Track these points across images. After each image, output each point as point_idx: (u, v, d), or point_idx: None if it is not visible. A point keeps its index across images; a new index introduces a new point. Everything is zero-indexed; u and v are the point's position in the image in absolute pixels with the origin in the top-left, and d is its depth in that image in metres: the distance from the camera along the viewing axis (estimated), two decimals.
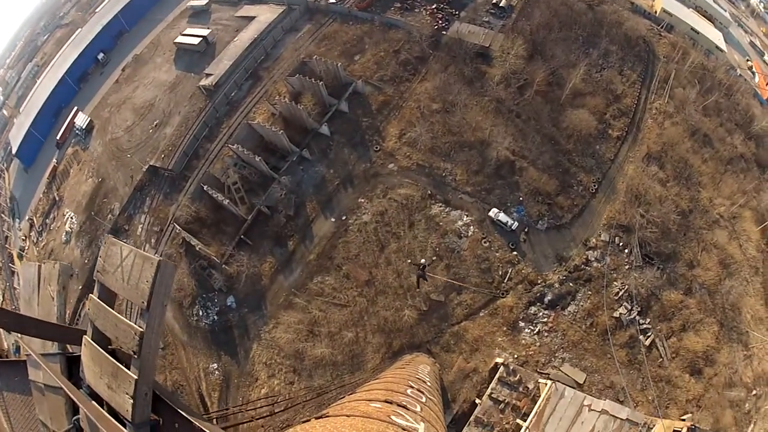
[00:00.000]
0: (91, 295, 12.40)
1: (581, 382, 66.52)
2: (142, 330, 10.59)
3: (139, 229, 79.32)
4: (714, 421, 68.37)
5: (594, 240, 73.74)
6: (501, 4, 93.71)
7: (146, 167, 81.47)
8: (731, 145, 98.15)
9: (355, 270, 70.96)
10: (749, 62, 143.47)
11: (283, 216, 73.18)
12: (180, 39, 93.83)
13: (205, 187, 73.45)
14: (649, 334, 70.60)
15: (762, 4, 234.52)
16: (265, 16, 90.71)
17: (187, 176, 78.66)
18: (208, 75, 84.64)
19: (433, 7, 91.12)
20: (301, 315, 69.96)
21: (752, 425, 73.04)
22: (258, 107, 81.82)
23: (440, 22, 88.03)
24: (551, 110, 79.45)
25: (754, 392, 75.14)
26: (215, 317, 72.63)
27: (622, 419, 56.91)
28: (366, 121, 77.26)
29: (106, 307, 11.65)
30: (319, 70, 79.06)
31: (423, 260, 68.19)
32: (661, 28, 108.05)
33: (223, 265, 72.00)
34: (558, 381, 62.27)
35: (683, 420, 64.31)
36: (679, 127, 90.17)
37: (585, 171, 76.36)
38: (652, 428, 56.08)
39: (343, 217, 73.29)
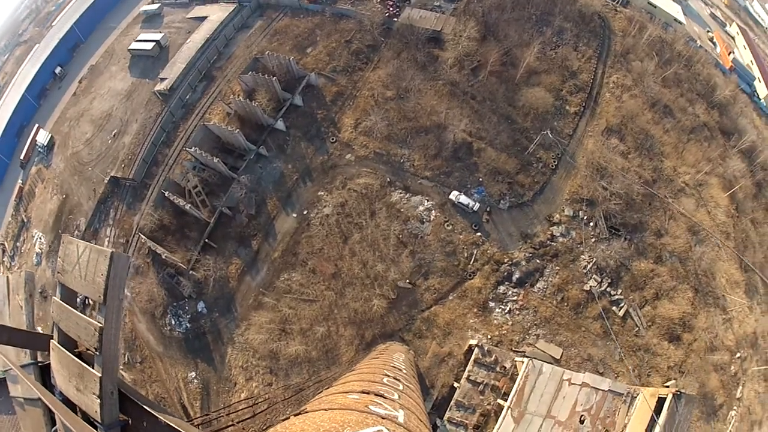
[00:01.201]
0: (53, 297, 12.17)
1: (558, 357, 66.26)
2: (101, 325, 10.83)
3: (106, 243, 78.07)
4: (700, 386, 68.90)
5: (558, 215, 73.43)
6: None
7: (107, 179, 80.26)
8: (693, 114, 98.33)
9: (320, 264, 70.16)
10: (710, 33, 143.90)
11: (245, 216, 72.32)
12: (134, 45, 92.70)
13: (166, 194, 72.37)
14: (622, 304, 70.61)
15: None
16: (216, 15, 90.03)
17: (148, 184, 77.58)
18: (162, 79, 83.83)
19: None
20: (272, 314, 69.06)
21: (741, 387, 73.93)
22: (213, 108, 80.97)
23: (391, 9, 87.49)
24: (506, 90, 78.95)
25: (738, 355, 75.92)
26: (188, 325, 71.54)
27: (604, 390, 57.16)
28: (321, 114, 76.57)
29: (68, 306, 11.81)
30: (272, 66, 78.35)
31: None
32: (617, 3, 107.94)
33: (191, 271, 70.93)
34: (535, 358, 62.10)
35: (667, 387, 64.76)
36: (638, 100, 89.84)
37: (544, 148, 75.68)
38: (636, 397, 56.24)
39: (305, 212, 72.49)
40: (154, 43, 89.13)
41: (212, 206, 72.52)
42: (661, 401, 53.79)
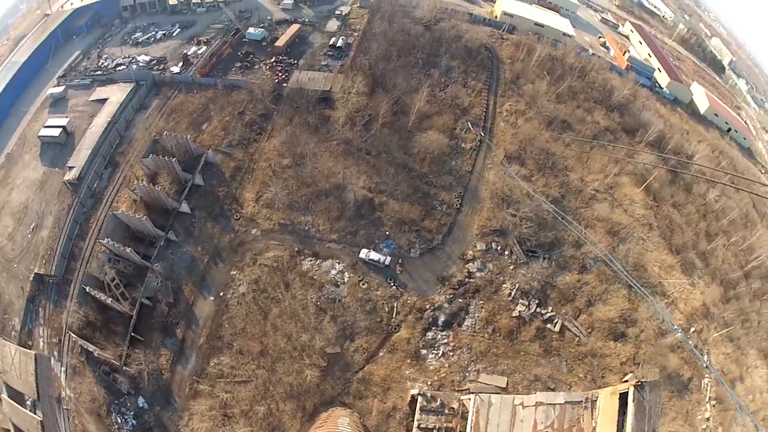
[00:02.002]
0: (2, 395, 10.37)
1: (504, 386, 66.01)
2: (40, 419, 9.43)
3: (41, 343, 75.13)
4: (661, 370, 70.51)
5: (471, 252, 73.92)
6: (338, 45, 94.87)
7: (32, 276, 77.28)
8: (593, 122, 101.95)
9: (246, 344, 68.37)
10: (602, 39, 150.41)
11: (164, 305, 70.35)
12: (42, 132, 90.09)
13: (87, 289, 70.04)
14: (555, 320, 71.43)
15: None
16: (116, 96, 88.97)
17: (69, 280, 75.02)
18: (70, 168, 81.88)
19: (272, 60, 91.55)
20: (210, 401, 66.26)
21: (706, 356, 76.72)
22: (120, 195, 79.10)
23: (280, 74, 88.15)
24: (400, 139, 80.00)
25: (693, 329, 78.51)
26: (133, 422, 67.68)
27: (561, 404, 56.43)
28: (222, 191, 75.38)
29: (14, 403, 10.47)
30: (170, 146, 77.33)
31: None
32: (503, 31, 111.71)
33: (124, 367, 68.09)
34: (481, 392, 61.48)
35: (625, 381, 64.78)
36: (533, 122, 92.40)
37: (445, 189, 76.52)
38: (595, 400, 55.93)
39: (221, 293, 70.82)
40: (60, 129, 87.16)
41: (132, 298, 70.41)
42: (624, 397, 53.43)
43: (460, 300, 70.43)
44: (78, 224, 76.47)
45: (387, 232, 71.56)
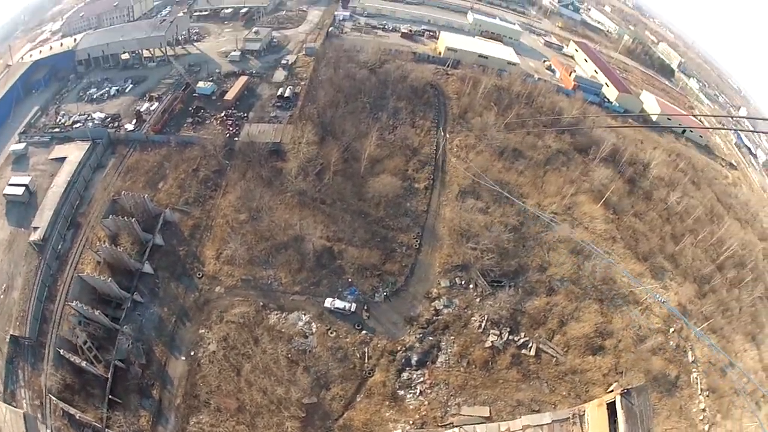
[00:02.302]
0: None
1: (488, 415, 67.45)
2: None
3: (24, 405, 74.46)
4: (646, 374, 73.47)
5: (435, 290, 76.47)
6: (286, 95, 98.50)
7: (8, 337, 76.92)
8: (544, 147, 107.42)
9: (223, 401, 68.63)
10: (547, 62, 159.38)
11: (138, 366, 70.59)
12: (6, 190, 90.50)
13: (61, 352, 70.06)
14: (530, 345, 73.97)
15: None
16: (74, 155, 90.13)
17: (43, 342, 75.27)
18: (35, 228, 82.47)
19: (222, 114, 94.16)
20: None
21: (690, 352, 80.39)
22: (84, 257, 79.61)
23: (231, 128, 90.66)
24: (353, 186, 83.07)
25: (672, 329, 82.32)
26: None
27: (548, 423, 58.77)
28: (183, 250, 76.75)
29: None
30: (129, 206, 78.76)
31: None
32: (447, 67, 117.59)
33: (107, 430, 67.90)
34: (465, 424, 63.25)
35: (611, 392, 67.21)
36: (484, 154, 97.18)
37: (403, 231, 79.62)
38: (583, 414, 58.22)
39: (192, 353, 71.28)
40: (23, 188, 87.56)
41: (106, 361, 70.60)
42: (612, 406, 55.85)
43: (430, 338, 72.42)
44: (46, 286, 76.93)
45: (349, 279, 73.74)
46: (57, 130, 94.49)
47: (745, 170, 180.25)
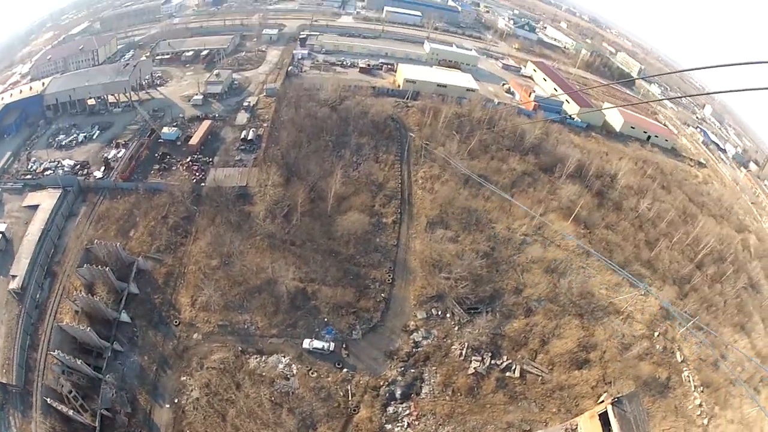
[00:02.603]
0: None
1: None
2: None
3: None
4: (635, 380, 76.75)
5: (412, 322, 79.01)
6: (249, 138, 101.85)
7: None
8: (510, 170, 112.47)
9: None
10: (506, 85, 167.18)
11: (124, 415, 71.02)
12: None
13: (48, 401, 70.06)
14: (513, 367, 76.52)
15: (511, 21, 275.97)
16: (46, 202, 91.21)
17: (30, 390, 75.04)
18: (13, 277, 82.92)
19: (188, 160, 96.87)
20: None
21: (678, 352, 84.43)
22: (62, 306, 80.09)
23: (197, 174, 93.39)
24: (322, 225, 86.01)
25: (657, 333, 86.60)
26: None
27: None
28: (158, 298, 77.91)
29: None
30: (102, 255, 79.92)
31: None
32: (407, 99, 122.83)
33: None
34: None
35: (601, 402, 70.15)
36: (450, 183, 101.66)
37: (374, 267, 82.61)
38: (576, 428, 60.74)
39: (176, 400, 71.64)
40: (0, 236, 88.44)
41: (92, 410, 70.85)
42: (605, 416, 58.09)
43: (412, 370, 74.44)
44: (28, 335, 77.64)
45: (325, 319, 75.93)
46: (29, 176, 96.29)
47: (715, 166, 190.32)
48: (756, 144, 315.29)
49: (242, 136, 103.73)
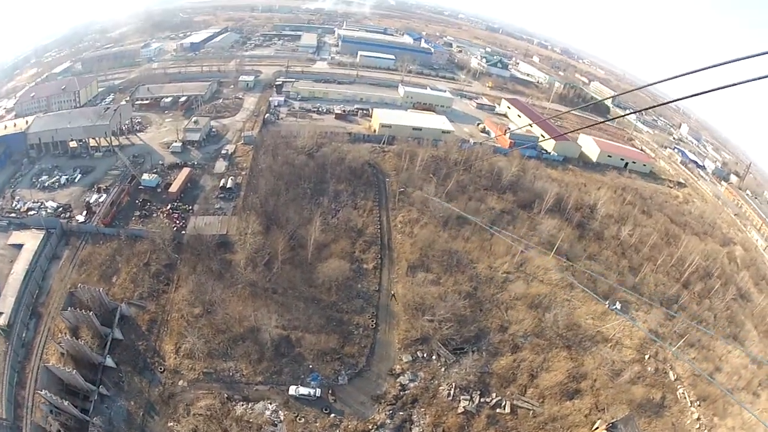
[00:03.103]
0: None
1: None
2: None
3: None
4: (629, 404, 79.67)
5: (398, 366, 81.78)
6: (228, 186, 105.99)
7: None
8: (488, 208, 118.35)
9: None
10: (480, 125, 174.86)
11: None
12: None
13: None
14: (503, 403, 78.90)
15: (483, 59, 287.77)
16: (30, 243, 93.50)
17: (20, 426, 74.47)
18: (0, 313, 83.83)
19: (168, 207, 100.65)
20: None
21: (671, 372, 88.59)
22: (48, 347, 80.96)
23: (178, 221, 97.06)
24: (303, 273, 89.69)
25: (647, 356, 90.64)
26: None
27: None
28: (142, 344, 79.42)
29: None
30: (86, 299, 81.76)
31: None
32: (383, 144, 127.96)
33: None
34: None
35: (596, 429, 74.03)
36: (429, 227, 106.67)
37: (357, 313, 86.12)
38: None
39: None
40: None
41: None
42: None
43: (401, 413, 76.41)
44: (15, 371, 78.38)
45: (310, 366, 78.31)
46: (13, 215, 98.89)
47: (695, 184, 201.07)
48: (735, 155, 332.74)
49: (221, 184, 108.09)
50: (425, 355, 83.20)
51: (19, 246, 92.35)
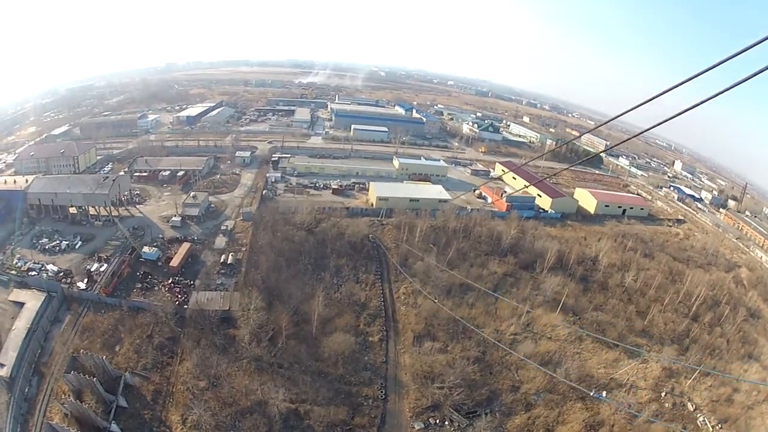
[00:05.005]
0: None
1: None
2: None
3: None
4: None
5: None
6: (229, 262, 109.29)
7: None
8: (490, 273, 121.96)
9: None
10: (476, 191, 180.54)
11: None
12: None
13: None
14: None
15: (475, 125, 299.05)
16: (31, 303, 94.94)
17: None
18: (2, 365, 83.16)
19: (170, 282, 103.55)
20: None
21: (689, 403, 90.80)
22: (52, 406, 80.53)
23: (179, 296, 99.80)
24: (308, 347, 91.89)
25: (664, 393, 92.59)
26: None
27: None
28: (147, 414, 79.49)
29: None
30: (89, 365, 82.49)
31: None
32: (381, 217, 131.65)
33: None
34: None
35: None
36: (432, 296, 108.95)
37: (365, 385, 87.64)
38: None
39: None
40: None
41: None
42: None
43: None
44: (19, 424, 77.78)
45: None
46: (14, 272, 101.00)
47: (694, 218, 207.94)
48: (730, 180, 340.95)
49: (222, 260, 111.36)
50: (438, 421, 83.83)
51: (20, 304, 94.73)
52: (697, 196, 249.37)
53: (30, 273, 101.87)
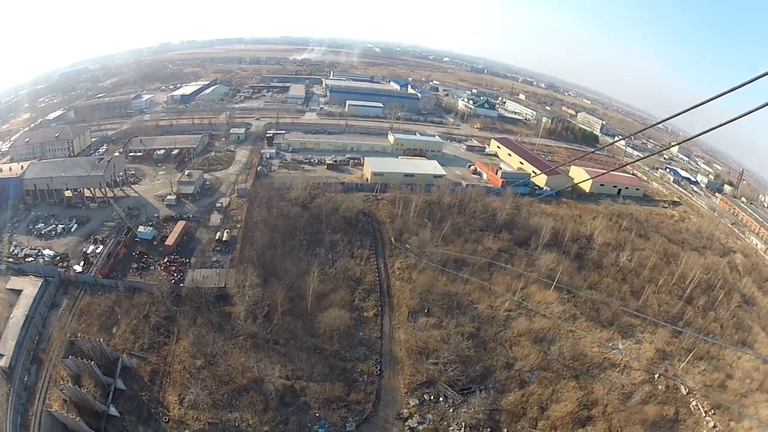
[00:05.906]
0: None
1: None
2: None
3: None
4: (642, 424, 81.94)
5: (405, 410, 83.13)
6: (224, 239, 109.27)
7: None
8: (485, 249, 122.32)
9: None
10: (471, 167, 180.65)
11: None
12: None
13: None
14: None
15: (471, 101, 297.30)
16: (29, 290, 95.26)
17: None
18: (1, 355, 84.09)
19: (166, 260, 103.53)
20: None
21: (682, 387, 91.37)
22: (51, 393, 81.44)
23: (175, 274, 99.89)
24: (303, 323, 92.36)
25: (657, 375, 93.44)
26: None
27: None
28: (145, 395, 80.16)
29: None
30: (87, 349, 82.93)
31: None
32: (376, 192, 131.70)
33: None
34: None
35: None
36: (426, 272, 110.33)
37: (361, 360, 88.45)
38: None
39: None
40: None
41: None
42: None
43: None
44: (19, 414, 78.76)
45: (317, 414, 79.63)
46: (11, 260, 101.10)
47: (690, 200, 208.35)
48: (727, 165, 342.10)
49: (217, 237, 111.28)
50: (432, 397, 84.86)
51: (18, 291, 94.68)
52: (692, 179, 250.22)
53: (27, 259, 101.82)
